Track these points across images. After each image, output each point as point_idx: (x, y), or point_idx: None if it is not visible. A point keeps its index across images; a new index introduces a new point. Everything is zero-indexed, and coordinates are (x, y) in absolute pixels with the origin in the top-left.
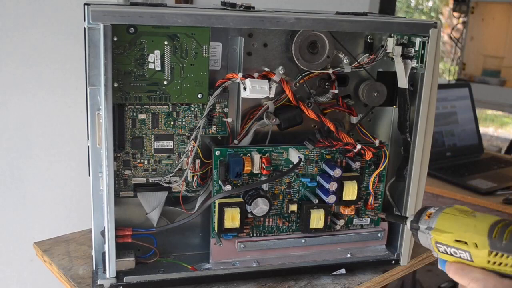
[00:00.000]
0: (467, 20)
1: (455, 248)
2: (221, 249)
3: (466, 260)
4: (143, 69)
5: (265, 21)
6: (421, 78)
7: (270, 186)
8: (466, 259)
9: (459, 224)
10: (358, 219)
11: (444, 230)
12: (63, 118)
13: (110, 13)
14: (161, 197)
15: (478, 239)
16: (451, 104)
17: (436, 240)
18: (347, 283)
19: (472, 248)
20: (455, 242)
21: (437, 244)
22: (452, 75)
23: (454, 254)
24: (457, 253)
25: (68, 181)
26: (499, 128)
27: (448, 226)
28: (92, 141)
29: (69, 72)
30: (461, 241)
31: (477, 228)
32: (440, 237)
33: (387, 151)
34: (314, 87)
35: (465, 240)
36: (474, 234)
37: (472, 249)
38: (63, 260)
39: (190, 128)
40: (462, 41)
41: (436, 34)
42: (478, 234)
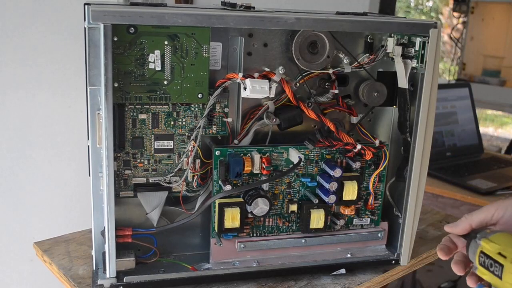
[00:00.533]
0: (467, 20)
1: (493, 261)
2: (221, 249)
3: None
4: (143, 69)
5: (265, 21)
6: (421, 78)
7: (270, 186)
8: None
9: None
10: (358, 219)
11: (494, 242)
12: (63, 118)
13: (110, 13)
14: (161, 197)
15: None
16: (451, 104)
17: (481, 249)
18: (347, 283)
19: (508, 263)
20: (497, 255)
21: (481, 253)
22: (452, 75)
23: (489, 267)
24: (492, 267)
25: (68, 181)
26: (499, 128)
27: (501, 240)
28: (92, 141)
29: (69, 72)
30: (503, 255)
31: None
32: (488, 246)
33: (387, 151)
34: (314, 87)
35: (506, 255)
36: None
37: (507, 263)
38: (63, 260)
39: (190, 128)
40: (462, 41)
41: (436, 34)
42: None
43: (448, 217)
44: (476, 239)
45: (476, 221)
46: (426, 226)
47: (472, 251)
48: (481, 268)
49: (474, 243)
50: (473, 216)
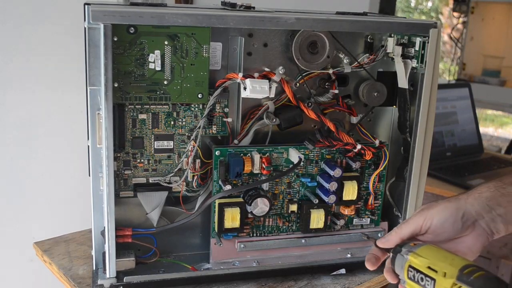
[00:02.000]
0: (467, 20)
1: (423, 275)
2: (221, 249)
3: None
4: (143, 69)
5: (265, 21)
6: (421, 78)
7: (270, 186)
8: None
9: (438, 255)
10: (358, 219)
11: (422, 256)
12: (63, 118)
13: (110, 13)
14: (161, 197)
15: (450, 270)
16: (451, 104)
17: (410, 264)
18: (347, 283)
19: (440, 277)
20: (427, 268)
21: (409, 268)
22: (452, 75)
23: (419, 281)
24: (423, 280)
25: (68, 181)
26: (499, 128)
27: (428, 254)
28: (92, 141)
29: (69, 72)
30: (432, 269)
31: (454, 261)
32: (416, 260)
33: (387, 151)
34: (314, 87)
35: (437, 269)
36: (448, 265)
37: (439, 277)
38: (63, 260)
39: (190, 128)
40: (462, 41)
41: (436, 34)
42: (452, 266)
43: None
44: (402, 253)
45: (406, 233)
46: None
47: (399, 265)
48: (411, 282)
49: (401, 257)
50: (402, 230)
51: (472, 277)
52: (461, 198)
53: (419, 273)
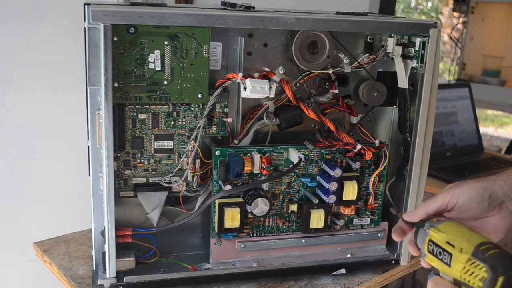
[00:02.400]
0: (467, 20)
1: (441, 249)
2: (221, 249)
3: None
4: (143, 69)
5: (265, 21)
6: (421, 78)
7: (270, 186)
8: (446, 262)
9: (458, 231)
10: (358, 219)
11: (442, 231)
12: (63, 118)
13: (110, 13)
14: (161, 197)
15: (466, 245)
16: (451, 104)
17: (430, 238)
18: (347, 283)
19: (456, 252)
20: (446, 243)
21: (430, 242)
22: (452, 75)
23: (438, 255)
24: (441, 255)
25: (68, 181)
26: (499, 128)
27: (448, 230)
28: (92, 141)
29: (69, 72)
30: (451, 244)
31: (471, 238)
32: (436, 235)
33: (387, 151)
34: (314, 87)
35: (454, 244)
36: (465, 241)
37: (456, 252)
38: (63, 260)
39: (190, 128)
40: (462, 41)
41: (436, 34)
42: (469, 242)
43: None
44: (425, 228)
45: (432, 209)
46: None
47: (420, 239)
48: (430, 256)
49: (423, 231)
50: (429, 205)
51: (486, 253)
52: (490, 179)
53: (438, 248)
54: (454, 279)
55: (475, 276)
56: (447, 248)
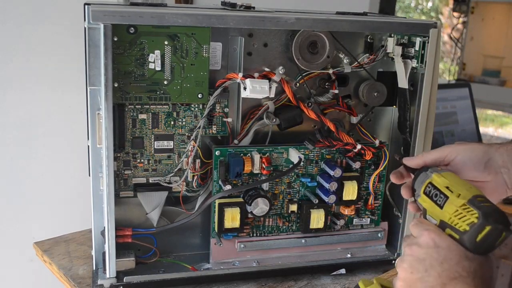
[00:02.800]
0: (467, 20)
1: (439, 192)
2: (221, 249)
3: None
4: (143, 69)
5: (265, 21)
6: (421, 78)
7: (270, 186)
8: (439, 203)
9: (459, 181)
10: (358, 219)
11: (444, 177)
12: (63, 118)
13: (110, 13)
14: (161, 197)
15: (464, 193)
16: (451, 104)
17: (431, 181)
18: (347, 283)
19: (453, 196)
20: (445, 188)
21: (429, 184)
22: (452, 75)
23: (433, 197)
24: (437, 196)
25: (68, 181)
26: (499, 128)
27: (451, 178)
28: (92, 141)
29: (69, 72)
30: (449, 189)
31: (471, 188)
32: (438, 179)
33: (387, 151)
34: (314, 87)
35: (453, 190)
36: (464, 189)
37: (453, 196)
38: (63, 260)
39: (190, 128)
40: (462, 41)
41: (436, 34)
42: (468, 191)
43: None
44: (428, 172)
45: (431, 158)
46: None
47: (420, 180)
48: (424, 196)
49: (424, 174)
50: (428, 154)
51: (482, 203)
52: (493, 146)
53: (435, 190)
54: (440, 221)
55: (465, 220)
56: (445, 192)
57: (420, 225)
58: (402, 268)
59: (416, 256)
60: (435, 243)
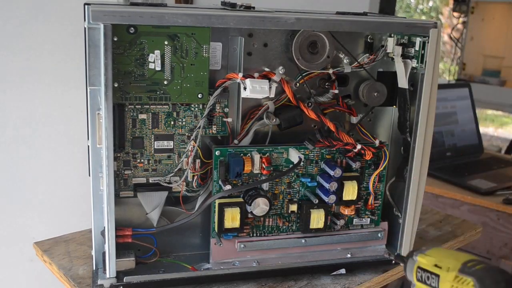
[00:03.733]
0: (467, 20)
1: (429, 273)
2: (221, 249)
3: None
4: (143, 69)
5: (265, 21)
6: (421, 78)
7: (270, 186)
8: (434, 286)
9: (445, 254)
10: (358, 219)
11: (430, 255)
12: (63, 118)
13: (110, 13)
14: (161, 197)
15: (453, 264)
16: (451, 104)
17: (418, 265)
18: (347, 283)
19: (443, 272)
20: (433, 266)
21: (418, 269)
22: (452, 75)
23: (426, 281)
24: (429, 279)
25: (68, 181)
26: (499, 128)
27: (436, 253)
28: (92, 141)
29: (69, 72)
30: (438, 266)
31: (458, 256)
32: (424, 260)
33: (387, 151)
34: (314, 87)
35: (441, 266)
36: (452, 260)
37: (443, 272)
38: (63, 260)
39: (190, 128)
40: (462, 41)
41: (436, 34)
42: (455, 260)
43: (448, 217)
44: (413, 257)
45: None
46: (426, 226)
47: (410, 269)
48: (419, 284)
49: (412, 261)
50: None
51: (474, 268)
52: None
53: (426, 273)
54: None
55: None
56: (435, 271)
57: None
58: None
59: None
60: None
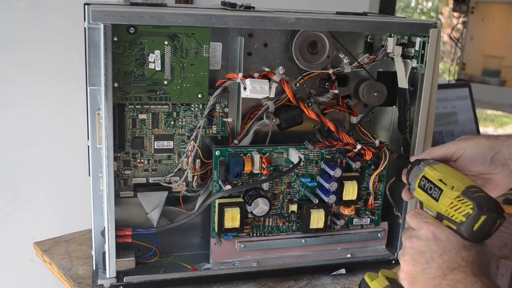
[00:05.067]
0: (467, 20)
1: (433, 185)
2: (221, 249)
3: (433, 199)
4: (143, 69)
5: (265, 21)
6: (421, 78)
7: (270, 186)
8: (434, 196)
9: (452, 173)
10: (358, 219)
11: (437, 170)
12: (63, 118)
13: (110, 13)
14: (161, 197)
15: (458, 185)
16: (451, 104)
17: (424, 174)
18: (347, 283)
19: (447, 189)
20: (438, 181)
21: (422, 178)
22: (452, 75)
23: (428, 190)
24: (431, 190)
25: (68, 181)
26: (499, 128)
27: (443, 170)
28: (92, 141)
29: (69, 72)
30: (443, 182)
31: (463, 179)
32: (431, 172)
33: (387, 151)
34: (314, 87)
35: (446, 182)
36: (457, 181)
37: (447, 189)
38: (63, 260)
39: (190, 128)
40: (462, 41)
41: (436, 34)
42: (461, 182)
43: None
44: (420, 166)
45: (438, 154)
46: None
47: (414, 174)
48: (419, 190)
49: (417, 168)
50: (435, 150)
51: (475, 194)
52: (500, 138)
53: (430, 183)
54: (437, 213)
55: (460, 211)
56: (439, 185)
57: (418, 217)
58: (404, 260)
59: (416, 249)
60: (434, 236)
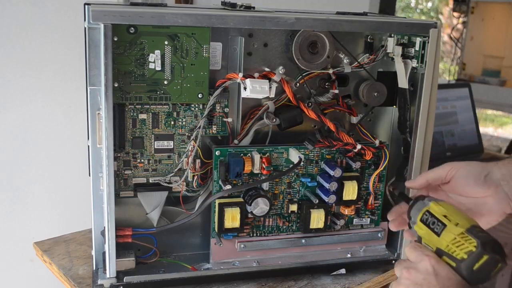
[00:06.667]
0: (467, 20)
1: (436, 220)
2: (221, 249)
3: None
4: (144, 69)
5: (266, 21)
6: (421, 78)
7: (270, 186)
8: (436, 231)
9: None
10: (358, 219)
11: (442, 206)
12: (63, 118)
13: (110, 13)
14: (161, 197)
15: (463, 222)
16: (451, 104)
17: (428, 209)
18: (347, 283)
19: (451, 225)
20: (443, 216)
21: (426, 212)
22: (452, 75)
23: (430, 225)
24: (434, 224)
25: (68, 181)
26: (499, 128)
27: (448, 207)
28: (92, 141)
29: (69, 72)
30: (447, 218)
31: (468, 218)
32: (436, 207)
33: (387, 151)
34: (314, 87)
35: (451, 219)
36: (462, 218)
37: (451, 225)
38: (63, 260)
39: (190, 128)
40: (462, 41)
41: (436, 34)
42: (466, 220)
43: None
44: (425, 201)
45: (433, 177)
46: None
47: (417, 208)
48: (421, 224)
49: (421, 203)
50: (429, 173)
51: (480, 233)
52: (491, 162)
53: (433, 218)
54: (437, 249)
55: (463, 248)
56: (443, 220)
57: (418, 249)
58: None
59: (413, 280)
60: (434, 270)
